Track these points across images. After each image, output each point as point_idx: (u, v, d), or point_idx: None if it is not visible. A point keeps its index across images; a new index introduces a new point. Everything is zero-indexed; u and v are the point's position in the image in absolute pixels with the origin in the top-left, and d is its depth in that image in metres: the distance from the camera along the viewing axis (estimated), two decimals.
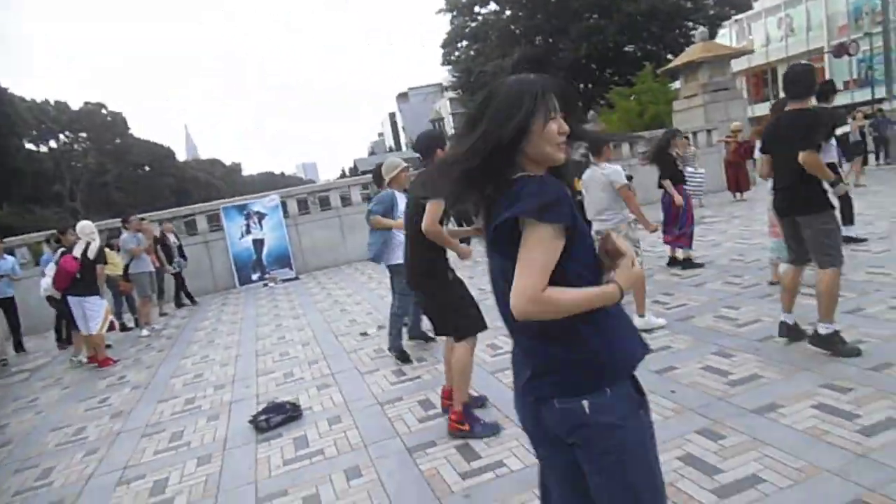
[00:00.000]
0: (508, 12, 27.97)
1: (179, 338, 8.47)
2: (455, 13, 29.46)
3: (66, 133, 59.15)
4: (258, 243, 12.78)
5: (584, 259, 1.58)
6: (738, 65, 43.00)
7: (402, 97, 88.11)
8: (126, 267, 8.94)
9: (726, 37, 42.90)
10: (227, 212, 12.70)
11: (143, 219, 10.28)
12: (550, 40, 26.68)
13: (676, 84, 19.08)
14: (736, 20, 38.88)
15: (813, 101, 4.35)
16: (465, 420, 3.69)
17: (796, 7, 39.26)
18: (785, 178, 4.08)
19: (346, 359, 5.91)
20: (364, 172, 66.96)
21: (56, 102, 57.36)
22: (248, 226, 12.80)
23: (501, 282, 1.59)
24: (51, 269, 7.31)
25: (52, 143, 57.39)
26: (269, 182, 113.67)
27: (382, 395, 4.69)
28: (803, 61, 4.61)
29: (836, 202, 4.28)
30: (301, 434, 4.21)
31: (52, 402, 6.26)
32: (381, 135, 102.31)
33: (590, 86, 27.84)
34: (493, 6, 28.45)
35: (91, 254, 7.00)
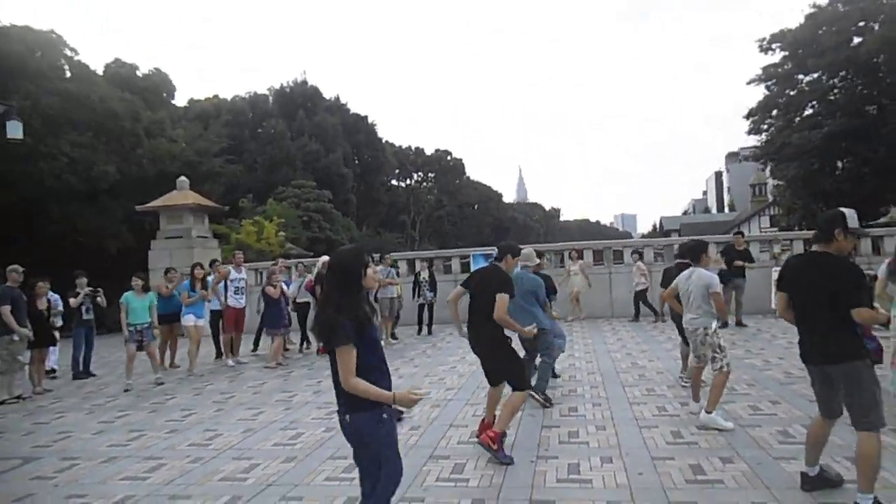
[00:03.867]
0: (833, 80, 25.29)
1: (402, 351, 11.02)
2: (772, 82, 27.77)
3: (419, 173, 71.63)
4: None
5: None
6: None
7: (732, 157, 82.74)
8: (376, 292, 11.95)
9: None
10: (475, 258, 15.26)
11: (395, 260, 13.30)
12: (876, 111, 23.27)
13: None
14: None
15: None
16: (497, 442, 4.92)
17: None
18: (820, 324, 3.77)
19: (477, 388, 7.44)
20: (667, 232, 64.48)
21: (416, 148, 70.12)
22: None
23: None
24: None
25: (408, 181, 70.11)
26: (583, 229, 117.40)
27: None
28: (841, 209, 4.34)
29: None
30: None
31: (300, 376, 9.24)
32: (704, 193, 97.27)
33: None
34: (814, 75, 26.08)
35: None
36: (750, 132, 29.26)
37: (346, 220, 45.44)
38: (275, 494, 4.52)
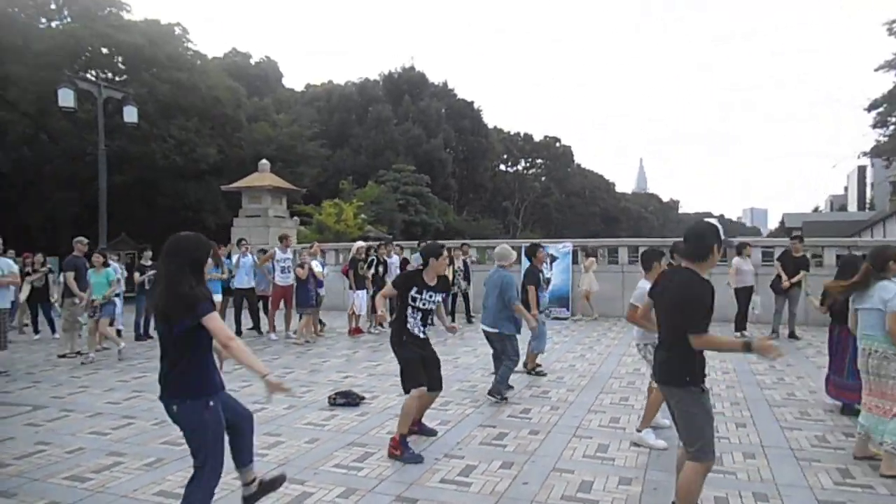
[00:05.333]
0: None
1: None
2: None
3: (527, 159, 70.85)
4: (545, 282, 14.67)
5: None
6: None
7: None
8: None
9: None
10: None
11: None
12: None
13: None
14: None
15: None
16: (399, 446, 5.02)
17: None
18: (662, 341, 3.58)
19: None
20: (791, 229, 59.26)
21: (524, 134, 69.34)
22: None
23: None
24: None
25: (515, 168, 69.62)
26: None
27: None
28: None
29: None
30: (341, 414, 6.23)
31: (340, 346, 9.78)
32: (845, 189, 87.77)
33: None
34: None
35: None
36: (875, 125, 26.06)
37: (444, 205, 46.16)
38: None
